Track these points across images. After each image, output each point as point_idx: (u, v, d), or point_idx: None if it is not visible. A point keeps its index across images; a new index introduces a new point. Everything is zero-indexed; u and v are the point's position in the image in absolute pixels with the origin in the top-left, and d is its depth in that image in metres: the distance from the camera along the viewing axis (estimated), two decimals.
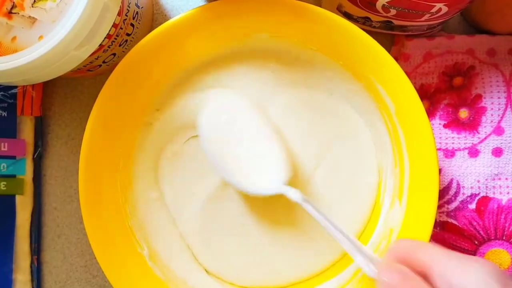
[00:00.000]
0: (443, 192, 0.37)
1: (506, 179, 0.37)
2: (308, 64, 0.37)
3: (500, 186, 0.37)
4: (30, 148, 0.40)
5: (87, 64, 0.34)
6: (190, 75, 0.37)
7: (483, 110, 0.38)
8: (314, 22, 0.33)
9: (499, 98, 0.38)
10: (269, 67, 0.37)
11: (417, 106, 0.32)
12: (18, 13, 0.29)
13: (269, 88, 0.37)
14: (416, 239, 0.32)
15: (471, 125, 0.38)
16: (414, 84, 0.34)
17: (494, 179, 0.37)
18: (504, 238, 0.36)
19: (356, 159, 0.36)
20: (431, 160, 0.32)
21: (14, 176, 0.39)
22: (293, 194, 0.32)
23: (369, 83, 0.34)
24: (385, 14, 0.35)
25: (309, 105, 0.37)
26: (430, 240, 0.37)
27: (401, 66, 0.33)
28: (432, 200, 0.32)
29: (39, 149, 0.41)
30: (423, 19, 0.35)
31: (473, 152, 0.38)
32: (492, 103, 0.38)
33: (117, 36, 0.33)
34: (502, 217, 0.36)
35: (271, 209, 0.36)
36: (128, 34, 0.35)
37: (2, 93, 0.39)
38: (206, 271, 0.36)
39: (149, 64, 0.35)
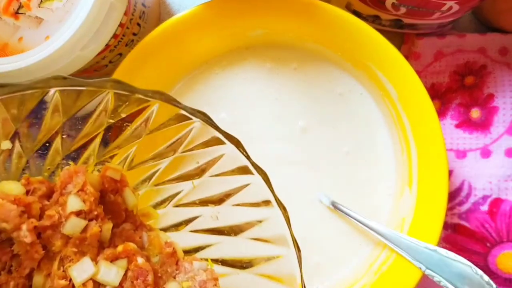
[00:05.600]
0: (455, 193, 0.37)
1: None
2: (309, 56, 0.37)
3: None
4: None
5: (94, 64, 0.33)
6: (197, 71, 0.37)
7: (495, 109, 0.37)
8: (311, 15, 0.34)
9: (511, 97, 0.37)
10: (272, 61, 0.37)
11: (420, 90, 0.32)
12: (25, 13, 0.29)
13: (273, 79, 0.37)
14: (429, 226, 0.32)
15: (483, 125, 0.37)
16: (424, 83, 0.33)
17: (506, 180, 0.36)
18: None
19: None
20: (437, 142, 0.32)
21: None
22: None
23: (369, 71, 0.34)
24: (394, 13, 0.35)
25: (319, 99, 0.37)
26: (440, 242, 0.37)
27: (412, 65, 0.33)
28: (443, 184, 0.32)
29: None
30: (433, 17, 0.34)
31: (485, 152, 0.37)
32: (505, 102, 0.37)
33: (123, 35, 0.33)
34: None
35: None
36: (134, 34, 0.35)
37: None
38: None
39: (153, 61, 0.35)
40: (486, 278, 0.30)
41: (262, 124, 0.36)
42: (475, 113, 0.38)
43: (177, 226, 0.30)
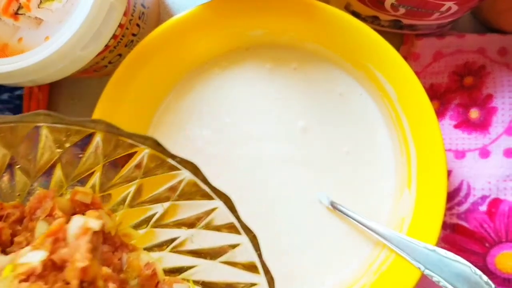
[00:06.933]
0: (454, 193, 0.37)
1: None
2: (309, 56, 0.37)
3: None
4: None
5: (93, 65, 0.33)
6: (197, 71, 0.37)
7: (494, 110, 0.37)
8: (310, 16, 0.34)
9: (510, 98, 0.37)
10: (272, 62, 0.37)
11: (419, 91, 0.32)
12: (25, 14, 0.29)
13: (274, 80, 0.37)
14: (428, 226, 0.32)
15: (482, 126, 0.37)
16: (423, 84, 0.33)
17: (505, 181, 0.36)
18: None
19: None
20: (436, 143, 0.32)
21: None
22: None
23: (369, 71, 0.34)
24: (394, 13, 0.35)
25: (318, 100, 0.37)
26: (439, 242, 0.37)
27: (411, 66, 0.33)
28: (441, 185, 0.32)
29: None
30: (432, 18, 0.34)
31: (484, 153, 0.37)
32: (503, 103, 0.37)
33: (123, 36, 0.33)
34: None
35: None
36: (134, 35, 0.35)
37: (8, 94, 0.39)
38: None
39: (152, 62, 0.35)
40: (485, 278, 0.30)
41: (262, 124, 0.36)
42: (474, 114, 0.38)
43: (160, 246, 0.29)
